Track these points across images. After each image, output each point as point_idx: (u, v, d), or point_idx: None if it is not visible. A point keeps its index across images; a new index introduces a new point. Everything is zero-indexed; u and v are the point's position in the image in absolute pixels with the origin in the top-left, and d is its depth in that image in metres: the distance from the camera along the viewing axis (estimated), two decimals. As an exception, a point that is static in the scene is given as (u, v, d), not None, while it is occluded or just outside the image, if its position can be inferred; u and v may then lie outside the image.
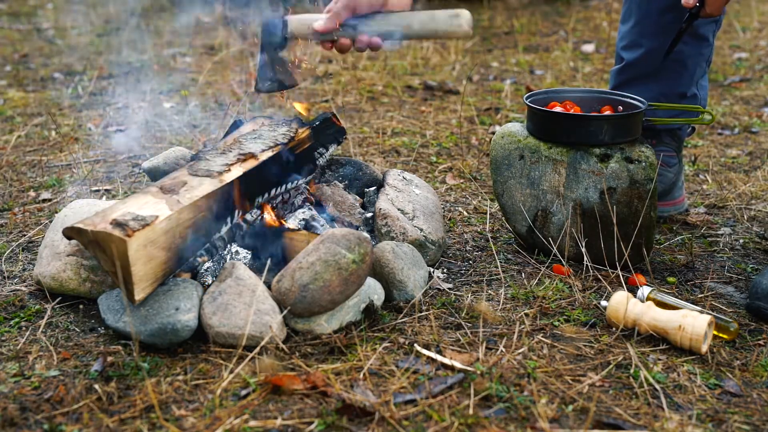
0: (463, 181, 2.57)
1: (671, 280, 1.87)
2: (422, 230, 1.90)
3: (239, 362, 1.49)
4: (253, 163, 1.77)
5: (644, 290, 1.70)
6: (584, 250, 1.86)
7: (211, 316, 1.55)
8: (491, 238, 2.10)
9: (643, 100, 1.93)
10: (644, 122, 1.91)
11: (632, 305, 1.61)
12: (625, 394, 1.42)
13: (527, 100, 1.95)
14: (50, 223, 2.01)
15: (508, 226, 2.08)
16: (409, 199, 1.97)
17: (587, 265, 1.86)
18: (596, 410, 1.36)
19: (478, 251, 2.03)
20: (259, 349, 1.51)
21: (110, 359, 1.51)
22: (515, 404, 1.38)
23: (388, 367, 1.49)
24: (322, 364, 1.50)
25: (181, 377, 1.47)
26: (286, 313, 1.57)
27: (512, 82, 3.86)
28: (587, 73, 4.00)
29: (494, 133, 2.60)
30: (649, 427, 1.33)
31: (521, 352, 1.54)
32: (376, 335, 1.61)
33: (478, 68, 4.13)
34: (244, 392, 1.41)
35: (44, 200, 2.39)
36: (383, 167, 2.63)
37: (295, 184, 1.94)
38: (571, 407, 1.38)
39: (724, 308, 1.73)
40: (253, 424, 1.33)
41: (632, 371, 1.48)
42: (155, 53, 4.35)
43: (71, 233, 1.52)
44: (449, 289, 1.81)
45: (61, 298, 1.75)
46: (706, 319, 1.54)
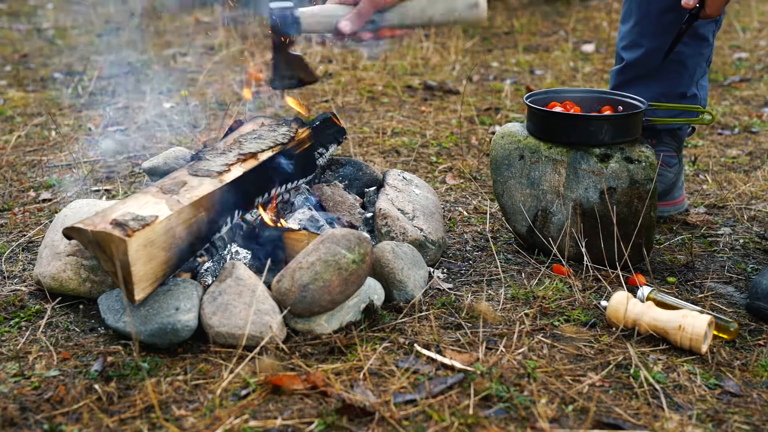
0: (463, 181, 2.57)
1: (671, 280, 1.87)
2: (422, 230, 1.90)
3: (239, 362, 1.49)
4: (253, 163, 1.77)
5: (644, 290, 1.70)
6: (584, 250, 1.86)
7: (211, 316, 1.55)
8: (491, 238, 2.10)
9: (643, 100, 1.93)
10: (644, 122, 1.91)
11: (632, 305, 1.61)
12: (625, 394, 1.42)
13: (527, 100, 1.95)
14: (50, 223, 2.01)
15: (508, 226, 2.08)
16: (409, 199, 1.97)
17: (587, 265, 1.86)
18: (596, 410, 1.36)
19: (478, 251, 2.03)
20: (259, 349, 1.51)
21: (110, 359, 1.51)
22: (515, 404, 1.38)
23: (388, 367, 1.49)
24: (322, 364, 1.50)
25: (181, 377, 1.47)
26: (286, 313, 1.57)
27: (512, 82, 3.86)
28: (587, 73, 4.00)
29: (494, 133, 2.60)
30: (649, 427, 1.33)
31: (521, 352, 1.54)
32: (376, 335, 1.61)
33: (478, 68, 4.13)
34: (244, 392, 1.41)
35: (44, 200, 2.39)
36: (383, 167, 2.63)
37: (295, 184, 1.94)
38: (571, 407, 1.38)
39: (724, 308, 1.73)
40: (253, 424, 1.33)
41: (632, 371, 1.48)
42: (155, 53, 4.34)
43: (71, 233, 1.52)
44: (449, 289, 1.81)
45: (61, 298, 1.75)
46: (706, 319, 1.54)
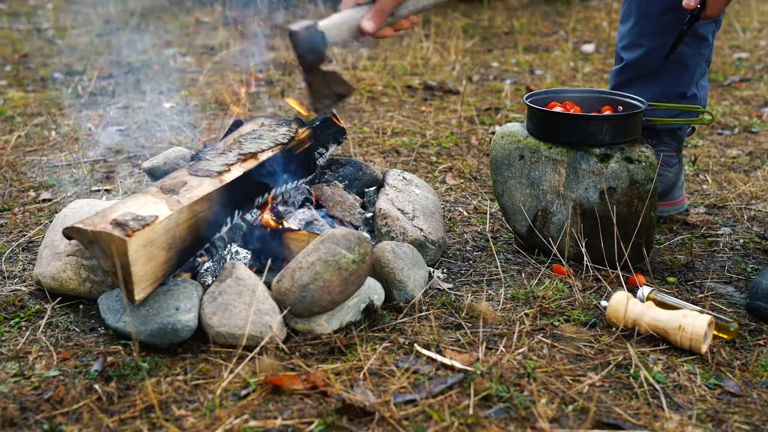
0: (463, 181, 2.56)
1: (671, 280, 1.86)
2: (422, 230, 1.90)
3: (239, 362, 1.49)
4: (253, 163, 1.77)
5: (644, 290, 1.70)
6: (584, 250, 1.86)
7: (211, 316, 1.55)
8: (491, 238, 2.10)
9: (643, 100, 1.93)
10: (644, 122, 1.91)
11: (632, 305, 1.61)
12: (625, 394, 1.42)
13: (527, 100, 1.95)
14: (50, 223, 2.01)
15: (508, 226, 2.08)
16: (409, 199, 1.97)
17: (587, 265, 1.86)
18: (596, 410, 1.36)
19: (478, 251, 2.03)
20: (259, 349, 1.51)
21: (110, 359, 1.51)
22: (515, 404, 1.38)
23: (388, 367, 1.49)
24: (322, 364, 1.50)
25: (181, 377, 1.47)
26: (286, 313, 1.57)
27: (512, 82, 3.86)
28: (587, 73, 4.00)
29: (494, 133, 2.60)
30: (649, 427, 1.33)
31: (521, 352, 1.54)
32: (376, 335, 1.61)
33: (478, 68, 4.13)
34: (244, 392, 1.41)
35: (44, 200, 2.39)
36: (383, 167, 2.63)
37: (295, 184, 1.94)
38: (571, 407, 1.38)
39: (724, 308, 1.73)
40: (253, 424, 1.33)
41: (632, 371, 1.48)
42: (155, 53, 4.34)
43: (71, 233, 1.52)
44: (449, 289, 1.81)
45: (61, 298, 1.75)
46: (706, 319, 1.54)
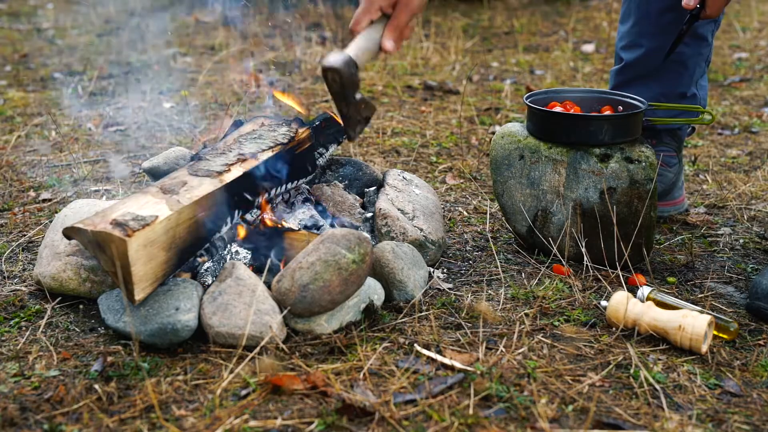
0: (463, 181, 2.56)
1: (671, 280, 1.86)
2: (422, 230, 1.90)
3: (239, 362, 1.49)
4: (253, 163, 1.77)
5: (644, 290, 1.70)
6: (584, 250, 1.86)
7: (211, 316, 1.55)
8: (491, 238, 2.10)
9: (643, 100, 1.93)
10: (644, 122, 1.91)
11: (632, 305, 1.61)
12: (625, 394, 1.42)
13: (527, 100, 1.95)
14: (50, 223, 2.01)
15: (508, 226, 2.08)
16: (409, 199, 1.97)
17: (587, 265, 1.86)
18: (596, 410, 1.36)
19: (478, 251, 2.03)
20: (259, 349, 1.51)
21: (110, 359, 1.51)
22: (515, 404, 1.38)
23: (388, 367, 1.49)
24: (322, 364, 1.50)
25: (181, 377, 1.47)
26: (286, 313, 1.57)
27: (512, 82, 3.86)
28: (587, 73, 4.00)
29: (494, 133, 2.60)
30: (649, 427, 1.33)
31: (521, 352, 1.54)
32: (376, 335, 1.61)
33: (478, 68, 4.13)
34: (244, 392, 1.41)
35: (44, 200, 2.39)
36: (383, 167, 2.63)
37: (295, 184, 1.94)
38: (571, 407, 1.38)
39: (724, 308, 1.73)
40: (253, 424, 1.33)
41: (632, 371, 1.48)
42: (155, 53, 4.34)
43: (71, 233, 1.52)
44: (449, 289, 1.81)
45: (61, 298, 1.75)
46: (706, 319, 1.54)
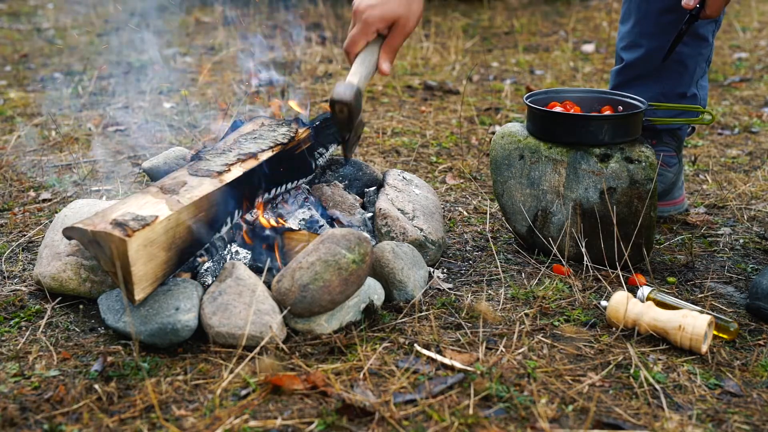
0: (463, 181, 2.57)
1: (671, 280, 1.86)
2: (422, 230, 1.90)
3: (239, 362, 1.49)
4: (253, 163, 1.77)
5: (644, 290, 1.70)
6: (584, 250, 1.86)
7: (211, 316, 1.55)
8: (491, 238, 2.10)
9: (643, 100, 1.93)
10: (644, 122, 1.91)
11: (632, 305, 1.61)
12: (625, 394, 1.42)
13: (527, 100, 1.95)
14: (50, 223, 2.01)
15: (508, 226, 2.08)
16: (409, 199, 1.97)
17: (587, 265, 1.86)
18: (596, 410, 1.36)
19: (478, 251, 2.03)
20: (259, 349, 1.51)
21: (110, 359, 1.51)
22: (515, 404, 1.38)
23: (388, 367, 1.49)
24: (322, 364, 1.50)
25: (181, 377, 1.47)
26: (286, 313, 1.57)
27: (512, 82, 3.86)
28: (587, 73, 4.00)
29: (494, 133, 2.60)
30: (649, 427, 1.33)
31: (521, 352, 1.54)
32: (376, 335, 1.61)
33: (478, 68, 4.13)
34: (244, 392, 1.41)
35: (44, 200, 2.39)
36: (383, 167, 2.63)
37: (295, 184, 1.94)
38: (571, 407, 1.38)
39: (724, 308, 1.73)
40: (253, 424, 1.33)
41: (632, 371, 1.48)
42: (155, 53, 4.34)
43: (71, 233, 1.52)
44: (449, 289, 1.81)
45: (61, 298, 1.75)
46: (706, 319, 1.54)
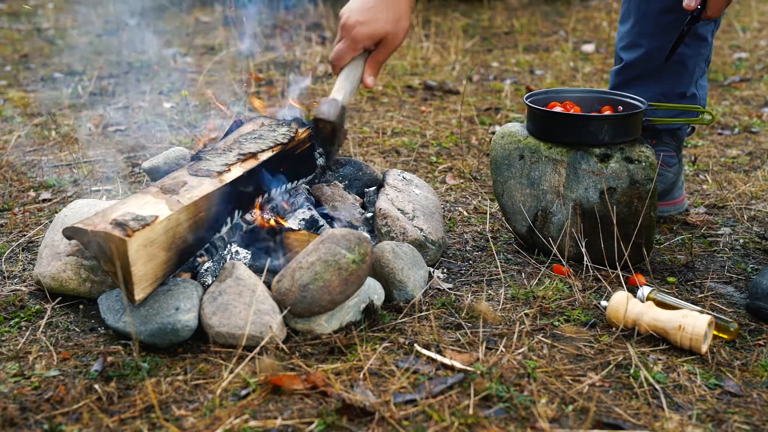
0: (463, 181, 2.56)
1: (671, 280, 1.86)
2: (422, 230, 1.90)
3: (239, 362, 1.49)
4: (253, 163, 1.77)
5: (644, 290, 1.70)
6: (584, 250, 1.86)
7: (211, 316, 1.55)
8: (491, 238, 2.10)
9: (643, 100, 1.93)
10: (644, 122, 1.91)
11: (632, 305, 1.61)
12: (625, 394, 1.42)
13: (527, 100, 1.95)
14: (50, 223, 2.01)
15: (508, 226, 2.08)
16: (409, 199, 1.97)
17: (587, 265, 1.86)
18: (596, 410, 1.36)
19: (478, 251, 2.03)
20: (259, 349, 1.51)
21: (110, 359, 1.51)
22: (515, 404, 1.38)
23: (388, 367, 1.49)
24: (322, 364, 1.50)
25: (181, 377, 1.47)
26: (286, 313, 1.57)
27: (512, 82, 3.86)
28: (587, 73, 4.00)
29: (494, 133, 2.60)
30: (649, 427, 1.33)
31: (521, 352, 1.54)
32: (376, 335, 1.61)
33: (478, 68, 4.13)
34: (244, 392, 1.41)
35: (44, 200, 2.39)
36: (383, 167, 2.63)
37: (295, 184, 1.94)
38: (571, 407, 1.38)
39: (724, 308, 1.73)
40: (253, 424, 1.33)
41: (632, 371, 1.48)
42: (155, 53, 4.34)
43: (71, 233, 1.52)
44: (449, 289, 1.81)
45: (61, 298, 1.75)
46: (706, 319, 1.54)
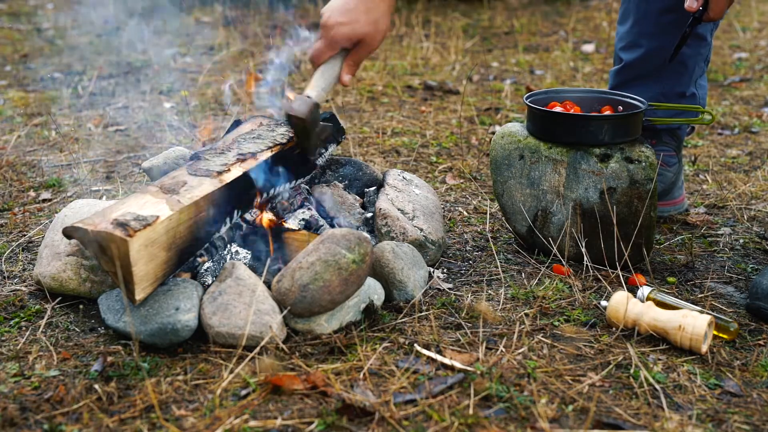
0: (463, 181, 2.57)
1: (671, 280, 1.86)
2: (422, 230, 1.90)
3: (239, 362, 1.49)
4: (252, 163, 1.77)
5: (644, 290, 1.70)
6: (584, 250, 1.86)
7: (211, 316, 1.55)
8: (491, 238, 2.10)
9: (643, 100, 1.93)
10: (644, 122, 1.91)
11: (632, 305, 1.61)
12: (625, 394, 1.42)
13: (527, 100, 1.95)
14: (50, 223, 2.01)
15: (508, 226, 2.08)
16: (409, 199, 1.97)
17: (587, 265, 1.86)
18: (596, 410, 1.36)
19: (478, 251, 2.03)
20: (259, 349, 1.51)
21: (110, 359, 1.51)
22: (515, 404, 1.38)
23: (388, 367, 1.49)
24: (322, 364, 1.50)
25: (181, 377, 1.47)
26: (286, 313, 1.57)
27: (512, 82, 3.86)
28: (587, 73, 4.00)
29: (494, 133, 2.60)
30: (649, 427, 1.33)
31: (521, 352, 1.54)
32: (376, 335, 1.61)
33: (478, 68, 4.13)
34: (244, 392, 1.41)
35: (44, 200, 2.39)
36: (383, 167, 2.63)
37: (294, 184, 1.94)
38: (571, 407, 1.38)
39: (724, 308, 1.73)
40: (253, 424, 1.33)
41: (632, 371, 1.48)
42: (155, 53, 4.34)
43: (71, 233, 1.52)
44: (449, 289, 1.81)
45: (61, 298, 1.75)
46: (706, 319, 1.54)
